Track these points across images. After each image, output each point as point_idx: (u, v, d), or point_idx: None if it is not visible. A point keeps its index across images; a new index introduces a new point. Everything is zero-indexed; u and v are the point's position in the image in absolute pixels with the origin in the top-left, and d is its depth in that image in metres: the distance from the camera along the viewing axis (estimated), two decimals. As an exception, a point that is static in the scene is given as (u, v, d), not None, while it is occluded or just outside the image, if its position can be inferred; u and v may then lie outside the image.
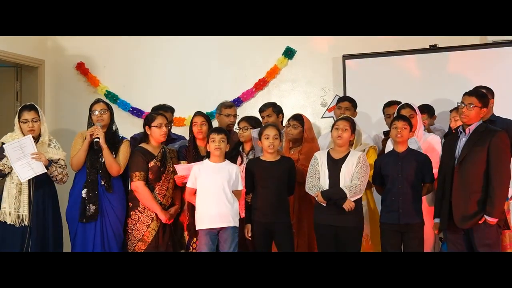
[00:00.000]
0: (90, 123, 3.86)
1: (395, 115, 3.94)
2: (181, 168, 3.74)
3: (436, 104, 4.52)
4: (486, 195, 3.34)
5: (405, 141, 3.65)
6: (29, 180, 3.66)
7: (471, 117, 3.44)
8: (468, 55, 4.83)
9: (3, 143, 3.71)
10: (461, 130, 3.52)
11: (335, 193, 3.50)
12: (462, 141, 3.48)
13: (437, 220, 3.59)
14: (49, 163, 3.71)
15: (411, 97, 4.32)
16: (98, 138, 3.72)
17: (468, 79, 4.58)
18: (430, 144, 3.92)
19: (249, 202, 3.71)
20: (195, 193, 3.61)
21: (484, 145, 3.36)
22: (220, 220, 3.52)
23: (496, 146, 3.35)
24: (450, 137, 3.68)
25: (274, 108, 4.49)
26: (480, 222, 3.35)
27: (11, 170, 3.65)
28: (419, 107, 4.20)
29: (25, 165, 3.60)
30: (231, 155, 3.82)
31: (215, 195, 3.53)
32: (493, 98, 4.04)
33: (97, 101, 3.93)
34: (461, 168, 3.42)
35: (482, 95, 3.51)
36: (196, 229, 3.60)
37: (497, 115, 4.06)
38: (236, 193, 3.60)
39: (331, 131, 3.68)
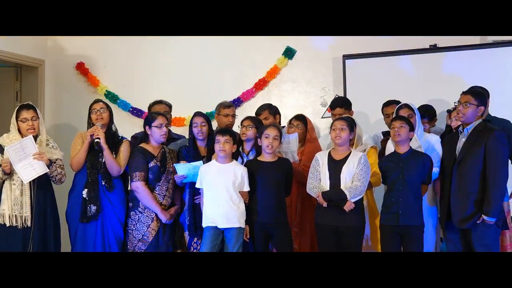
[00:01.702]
0: (90, 123, 3.87)
1: (394, 116, 3.94)
2: (181, 167, 3.74)
3: (436, 104, 4.51)
4: (483, 195, 3.34)
5: (404, 140, 3.64)
6: (30, 181, 3.65)
7: (468, 115, 3.44)
8: (468, 55, 4.83)
9: (0, 145, 3.70)
10: (461, 130, 3.52)
11: (335, 194, 3.50)
12: (461, 141, 3.48)
13: None
14: (50, 163, 3.71)
15: (411, 97, 4.32)
16: (99, 138, 3.72)
17: (468, 79, 4.58)
18: (429, 143, 3.92)
19: (247, 203, 3.71)
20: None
21: (481, 145, 3.36)
22: (225, 220, 3.53)
23: (492, 145, 3.35)
24: (450, 137, 3.67)
25: (270, 110, 4.47)
26: (478, 222, 3.35)
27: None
28: (419, 109, 4.20)
29: (27, 166, 3.59)
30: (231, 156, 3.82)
31: (219, 196, 3.54)
32: (489, 98, 4.04)
33: (97, 101, 3.94)
34: (459, 168, 3.42)
35: (478, 93, 3.51)
36: (203, 226, 3.61)
37: (497, 115, 4.06)
38: (242, 194, 3.60)
39: (330, 133, 3.68)
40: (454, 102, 3.59)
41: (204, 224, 3.60)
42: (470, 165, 3.39)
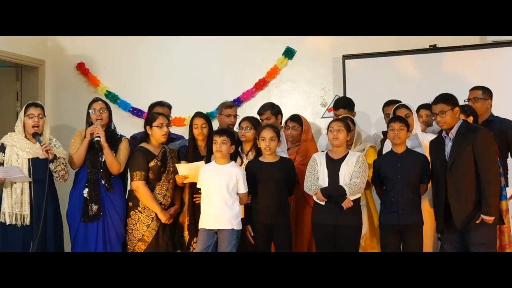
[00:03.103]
0: (88, 122, 3.87)
1: (390, 116, 3.93)
2: (183, 167, 3.74)
3: (436, 104, 4.52)
4: (480, 195, 3.35)
5: (403, 142, 3.65)
6: (31, 180, 3.66)
7: (448, 122, 3.46)
8: (468, 55, 4.83)
9: (2, 144, 3.72)
10: (445, 135, 3.52)
11: (335, 190, 3.50)
12: (448, 145, 3.49)
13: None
14: (55, 157, 3.71)
15: (411, 97, 4.33)
16: (99, 137, 3.73)
17: (468, 79, 4.59)
18: (426, 145, 3.92)
19: (249, 203, 3.71)
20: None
21: (469, 146, 3.37)
22: (217, 221, 3.54)
23: (479, 145, 3.36)
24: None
25: (272, 110, 4.47)
26: (477, 221, 3.36)
27: None
28: (423, 105, 4.19)
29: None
30: (230, 157, 3.82)
31: (213, 197, 3.55)
32: (491, 98, 4.04)
33: (96, 99, 3.94)
34: (452, 173, 3.42)
35: (447, 97, 3.51)
36: (198, 227, 3.62)
37: (497, 115, 4.05)
38: (241, 196, 3.59)
39: (327, 134, 3.68)
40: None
41: (199, 226, 3.61)
42: (462, 168, 3.39)
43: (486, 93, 4.02)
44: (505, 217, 3.54)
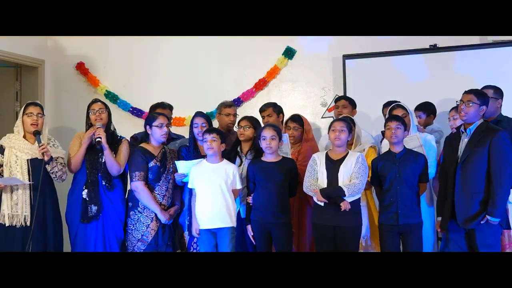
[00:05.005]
0: (88, 123, 3.87)
1: (387, 116, 3.92)
2: (182, 165, 3.73)
3: (436, 104, 4.52)
4: (488, 195, 3.34)
5: (400, 141, 3.64)
6: (31, 181, 3.66)
7: (470, 114, 3.43)
8: (468, 55, 4.83)
9: (1, 146, 3.72)
10: (463, 130, 3.51)
11: (333, 191, 3.49)
12: (464, 141, 3.47)
13: (439, 218, 3.61)
14: (51, 158, 3.71)
15: (410, 97, 4.32)
16: (100, 138, 3.72)
17: (468, 79, 4.58)
18: (426, 144, 3.91)
19: (250, 203, 3.71)
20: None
21: (485, 145, 3.35)
22: (216, 220, 3.55)
23: (496, 146, 3.34)
24: (451, 137, 3.66)
25: (275, 108, 4.48)
26: (482, 222, 3.35)
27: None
28: (421, 105, 4.17)
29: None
30: (230, 156, 3.82)
31: (211, 196, 3.56)
32: (502, 98, 4.02)
33: (95, 100, 3.94)
34: (463, 169, 3.41)
35: (481, 93, 3.50)
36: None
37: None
38: (234, 192, 3.62)
39: (328, 133, 3.68)
40: (456, 101, 3.57)
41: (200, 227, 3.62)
42: (474, 166, 3.38)
43: (498, 92, 3.99)
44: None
